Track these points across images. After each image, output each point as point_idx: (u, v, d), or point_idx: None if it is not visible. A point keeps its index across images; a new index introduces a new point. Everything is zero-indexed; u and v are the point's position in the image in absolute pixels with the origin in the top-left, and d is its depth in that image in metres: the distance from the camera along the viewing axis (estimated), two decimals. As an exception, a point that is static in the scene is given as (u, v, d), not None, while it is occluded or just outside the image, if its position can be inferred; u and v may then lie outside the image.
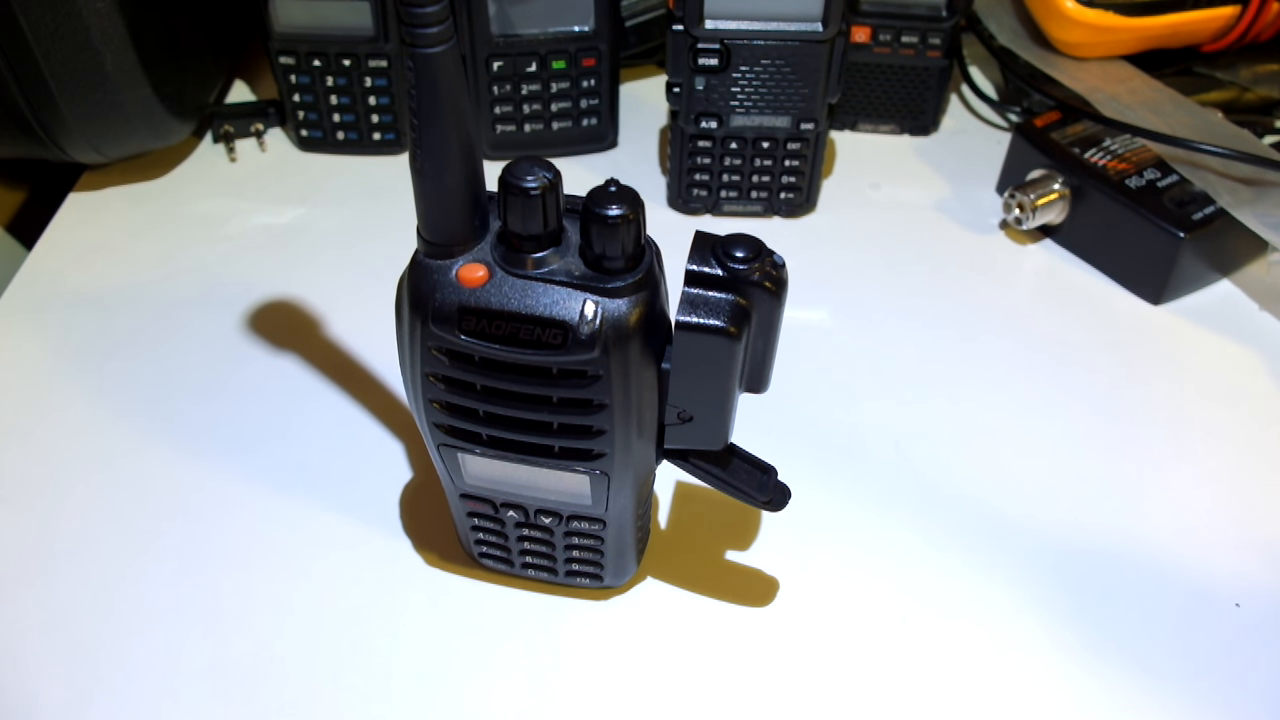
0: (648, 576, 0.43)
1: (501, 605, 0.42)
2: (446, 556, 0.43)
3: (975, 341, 0.53)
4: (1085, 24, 0.62)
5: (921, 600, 0.42)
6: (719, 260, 0.31)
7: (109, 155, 0.59)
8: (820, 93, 0.56)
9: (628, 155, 0.65)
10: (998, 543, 0.44)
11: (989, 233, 0.60)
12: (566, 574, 0.41)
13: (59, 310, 0.54)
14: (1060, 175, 0.57)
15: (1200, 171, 0.55)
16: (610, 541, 0.38)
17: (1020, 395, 0.50)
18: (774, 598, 0.42)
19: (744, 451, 0.37)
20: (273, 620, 0.41)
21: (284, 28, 0.60)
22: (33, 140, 0.56)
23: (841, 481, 0.46)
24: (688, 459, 0.36)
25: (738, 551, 0.43)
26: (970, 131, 0.68)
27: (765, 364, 0.33)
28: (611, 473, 0.34)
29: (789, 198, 0.60)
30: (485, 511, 0.38)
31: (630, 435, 0.33)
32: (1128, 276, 0.57)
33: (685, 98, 0.56)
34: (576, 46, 0.60)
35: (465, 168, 0.30)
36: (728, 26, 0.54)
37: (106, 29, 0.53)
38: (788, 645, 0.40)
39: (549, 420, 0.33)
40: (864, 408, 0.50)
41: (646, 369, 0.32)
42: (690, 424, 0.33)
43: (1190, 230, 0.53)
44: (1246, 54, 0.66)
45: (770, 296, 0.31)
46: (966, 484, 0.46)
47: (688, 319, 0.30)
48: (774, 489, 0.37)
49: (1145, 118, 0.58)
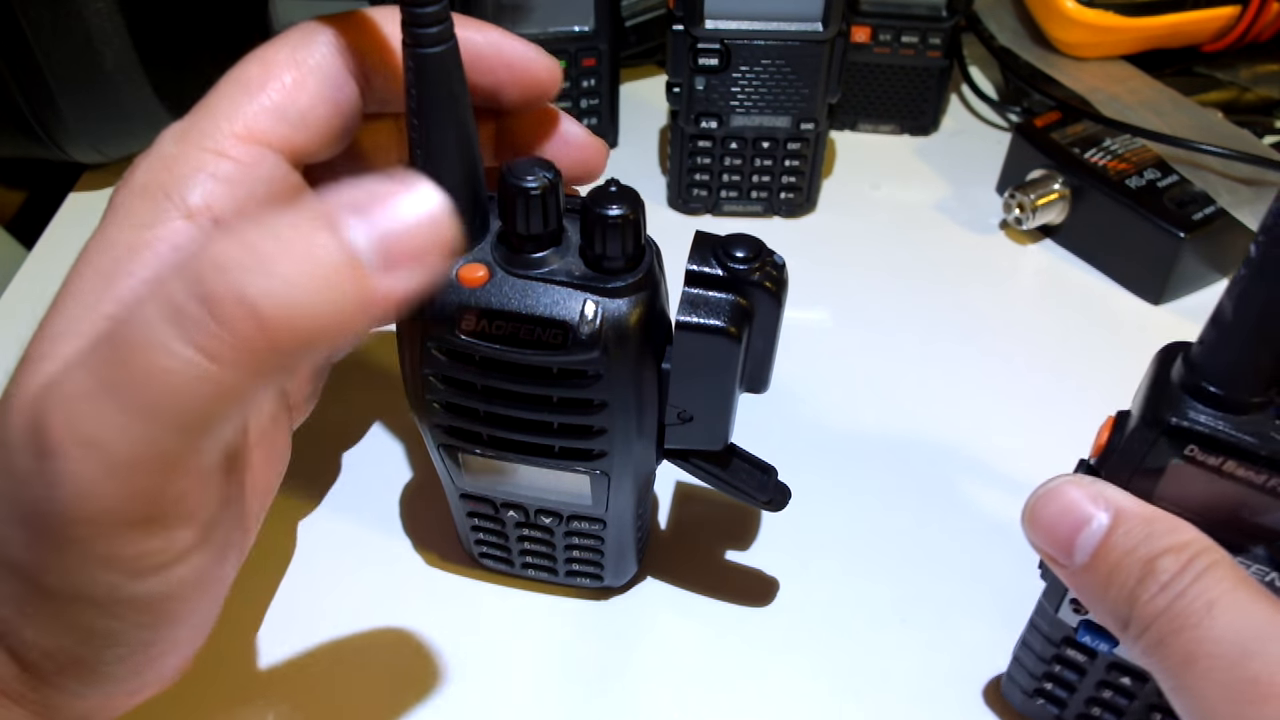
0: (648, 576, 0.43)
1: (501, 605, 0.42)
2: (446, 557, 0.43)
3: (975, 342, 0.53)
4: (1085, 24, 0.62)
5: (921, 601, 0.42)
6: (719, 260, 0.31)
7: (109, 155, 0.59)
8: (820, 93, 0.56)
9: (628, 155, 0.65)
10: (999, 542, 0.44)
11: (989, 233, 0.60)
12: (566, 574, 0.41)
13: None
14: (1060, 175, 0.57)
15: (1200, 171, 0.55)
16: (610, 541, 0.38)
17: (1021, 395, 0.50)
18: (774, 598, 0.42)
19: (744, 451, 0.37)
20: (272, 620, 0.41)
21: (284, 27, 0.59)
22: (33, 140, 0.56)
23: (841, 481, 0.46)
24: (688, 459, 0.36)
25: (738, 551, 0.43)
26: (970, 131, 0.68)
27: (765, 364, 0.33)
28: (612, 472, 0.34)
29: (789, 198, 0.60)
30: (485, 511, 0.38)
31: (630, 435, 0.33)
32: (1128, 276, 0.57)
33: (685, 98, 0.56)
34: (576, 46, 0.60)
35: (465, 168, 0.30)
36: (728, 26, 0.54)
37: (106, 29, 0.53)
38: (788, 645, 0.40)
39: (549, 420, 0.33)
40: (864, 407, 0.50)
41: (647, 369, 0.32)
42: (690, 424, 0.33)
43: (1190, 230, 0.53)
44: (1246, 54, 0.66)
45: (771, 297, 0.31)
46: (966, 484, 0.46)
47: (688, 319, 0.31)
48: (774, 489, 0.37)
49: (1145, 118, 0.58)
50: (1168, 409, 0.27)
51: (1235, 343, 0.26)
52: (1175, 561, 0.26)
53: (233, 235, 0.20)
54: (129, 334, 0.20)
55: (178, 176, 0.25)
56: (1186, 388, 0.27)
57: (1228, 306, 0.26)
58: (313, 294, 0.20)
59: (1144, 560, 0.26)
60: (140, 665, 0.26)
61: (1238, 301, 0.25)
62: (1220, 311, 0.26)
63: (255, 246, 0.20)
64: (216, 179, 0.25)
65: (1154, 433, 0.27)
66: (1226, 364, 0.26)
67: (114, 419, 0.20)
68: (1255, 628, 0.24)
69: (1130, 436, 0.28)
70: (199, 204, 0.25)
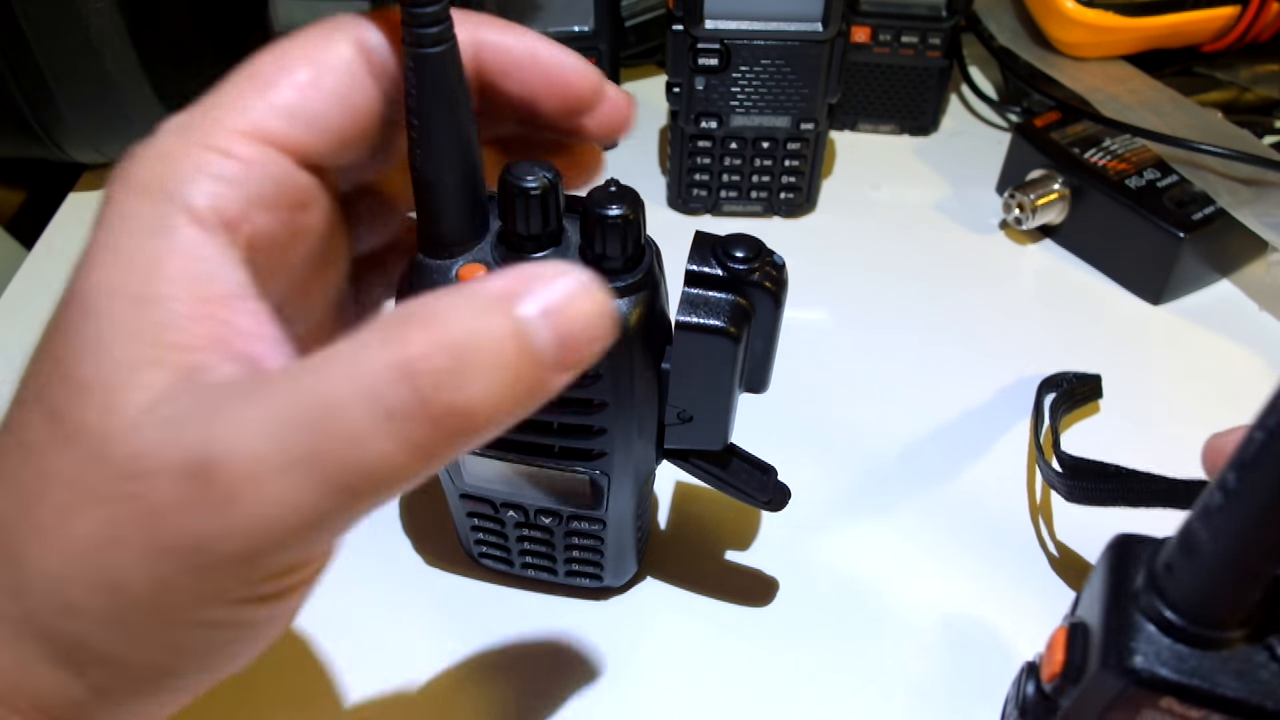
0: (648, 577, 0.43)
1: (501, 605, 0.42)
2: (446, 557, 0.43)
3: (975, 342, 0.53)
4: (1085, 24, 0.62)
5: (921, 601, 0.42)
6: (719, 260, 0.31)
7: (109, 155, 0.59)
8: (820, 93, 0.56)
9: (628, 155, 0.65)
10: (1001, 542, 0.44)
11: (989, 233, 0.60)
12: (566, 574, 0.41)
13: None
14: (1060, 175, 0.57)
15: (1200, 171, 0.55)
16: (610, 541, 0.38)
17: (1021, 396, 0.50)
18: (774, 598, 0.42)
19: (744, 452, 0.37)
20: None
21: (284, 27, 0.60)
22: (33, 140, 0.56)
23: (840, 481, 0.46)
24: (688, 459, 0.36)
25: (737, 551, 0.43)
26: (970, 131, 0.68)
27: (765, 364, 0.33)
28: (612, 472, 0.34)
29: (789, 198, 0.60)
30: (485, 512, 0.38)
31: (630, 435, 0.33)
32: (1128, 276, 0.57)
33: (685, 98, 0.56)
34: (576, 46, 0.59)
35: (465, 168, 0.29)
36: (728, 26, 0.54)
37: (106, 29, 0.53)
38: (788, 645, 0.40)
39: (549, 420, 0.33)
40: (864, 407, 0.50)
41: (646, 369, 0.32)
42: (690, 424, 0.33)
43: (1190, 230, 0.53)
44: (1246, 54, 0.66)
45: (770, 297, 0.31)
46: (967, 484, 0.46)
47: (688, 319, 0.31)
48: (774, 489, 0.37)
49: (1145, 118, 0.58)
50: (1135, 651, 0.24)
51: (1214, 576, 0.23)
52: None
53: (432, 333, 0.22)
54: (333, 425, 0.21)
55: (178, 175, 0.24)
56: (1154, 619, 0.24)
57: (1203, 535, 0.22)
58: (510, 401, 0.22)
59: None
60: (203, 683, 0.27)
61: (1212, 530, 0.22)
62: (1193, 538, 0.23)
63: (461, 354, 0.22)
64: (219, 179, 0.24)
65: (1121, 681, 0.24)
66: (1203, 599, 0.23)
67: (301, 486, 0.22)
68: None
69: (1092, 681, 0.25)
70: (204, 206, 0.24)
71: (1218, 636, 0.23)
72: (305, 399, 0.22)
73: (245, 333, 0.24)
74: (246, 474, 0.22)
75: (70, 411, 0.23)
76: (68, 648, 0.24)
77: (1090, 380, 0.50)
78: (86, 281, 0.24)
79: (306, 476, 0.22)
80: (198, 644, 0.25)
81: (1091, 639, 0.25)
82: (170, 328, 0.23)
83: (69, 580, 0.23)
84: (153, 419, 0.22)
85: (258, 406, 0.22)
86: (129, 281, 0.23)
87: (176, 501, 0.22)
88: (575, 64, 0.30)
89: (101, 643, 0.24)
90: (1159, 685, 0.23)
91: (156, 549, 0.22)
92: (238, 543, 0.22)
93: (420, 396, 0.21)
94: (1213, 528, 0.22)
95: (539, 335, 0.22)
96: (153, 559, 0.23)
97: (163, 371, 0.23)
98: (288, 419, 0.22)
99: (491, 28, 0.29)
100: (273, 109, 0.25)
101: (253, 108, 0.25)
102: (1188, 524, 0.23)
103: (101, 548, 0.23)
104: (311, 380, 0.22)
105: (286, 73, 0.26)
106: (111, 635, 0.24)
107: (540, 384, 0.23)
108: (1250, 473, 0.21)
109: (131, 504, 0.22)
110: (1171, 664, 0.23)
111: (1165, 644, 0.23)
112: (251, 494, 0.22)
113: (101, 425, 0.23)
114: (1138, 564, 0.25)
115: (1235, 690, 0.23)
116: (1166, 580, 0.24)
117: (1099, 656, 0.24)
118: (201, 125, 0.25)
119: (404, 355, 0.21)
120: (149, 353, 0.23)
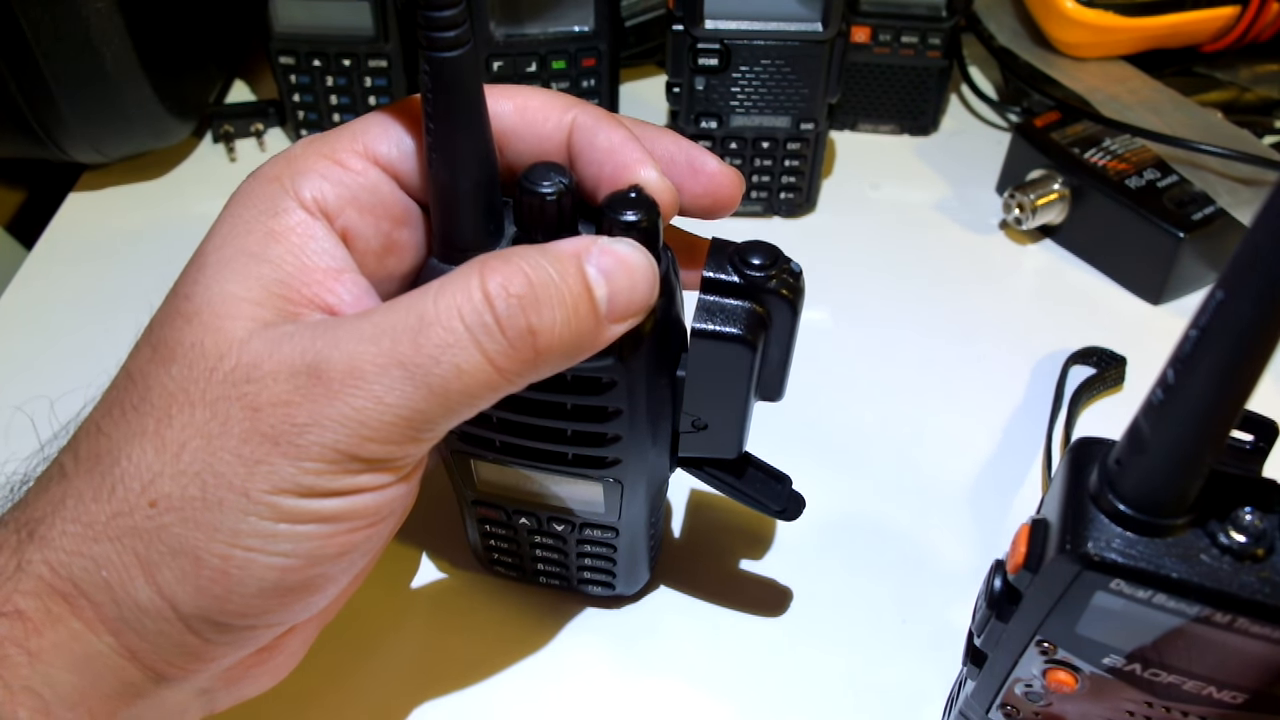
0: (660, 585, 0.42)
1: (512, 612, 0.41)
2: (456, 563, 0.43)
3: (975, 342, 0.54)
4: (1085, 24, 0.62)
5: (925, 600, 0.42)
6: (736, 267, 0.31)
7: (109, 155, 0.59)
8: (820, 93, 0.56)
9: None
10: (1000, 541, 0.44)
11: (989, 233, 0.61)
12: (579, 582, 0.41)
13: (59, 310, 0.54)
14: (1060, 175, 0.58)
15: (1200, 171, 0.56)
16: (623, 549, 0.38)
17: (1021, 396, 0.51)
18: (787, 607, 0.42)
19: (759, 460, 0.36)
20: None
21: (284, 28, 0.60)
22: (33, 140, 0.56)
23: (841, 480, 0.46)
24: (702, 467, 0.36)
25: (751, 560, 0.43)
26: (970, 131, 0.68)
27: (781, 372, 0.33)
28: (625, 480, 0.34)
29: (789, 198, 0.60)
30: (497, 518, 0.38)
31: (644, 443, 0.33)
32: (1128, 276, 0.57)
33: (685, 98, 0.56)
34: (576, 46, 0.60)
35: (481, 172, 0.29)
36: (728, 26, 0.54)
37: (106, 29, 0.53)
38: (802, 655, 0.41)
39: (563, 427, 0.33)
40: (863, 407, 0.50)
41: (661, 376, 0.32)
42: (705, 432, 0.33)
43: (1190, 230, 0.53)
44: (1246, 54, 0.66)
45: (787, 304, 0.31)
46: (967, 483, 0.47)
47: (704, 326, 0.30)
48: (788, 498, 0.36)
49: (1145, 118, 0.59)
50: (1088, 538, 0.25)
51: (1156, 466, 0.25)
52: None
53: (514, 268, 0.27)
54: (427, 334, 0.26)
55: (295, 172, 0.29)
56: (1106, 510, 0.26)
57: (1147, 430, 0.24)
58: (571, 334, 0.27)
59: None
60: (288, 602, 0.29)
61: (1155, 424, 0.24)
62: (1139, 433, 0.25)
63: (536, 287, 0.27)
64: (325, 178, 0.29)
65: (1075, 566, 0.26)
66: (1149, 489, 0.25)
67: (395, 385, 0.26)
68: None
69: (1050, 567, 0.26)
70: (309, 197, 0.29)
71: (1163, 524, 0.25)
72: (403, 315, 0.26)
73: (342, 298, 0.28)
74: (350, 370, 0.26)
75: (173, 337, 0.27)
76: (146, 541, 0.27)
77: (1118, 361, 0.51)
78: (208, 244, 0.29)
79: (402, 378, 0.26)
80: (268, 541, 0.27)
81: (1051, 532, 0.27)
82: (279, 282, 0.28)
83: (160, 474, 0.27)
84: (261, 337, 0.27)
85: (362, 322, 0.27)
86: (248, 243, 0.28)
87: (283, 396, 0.26)
88: (723, 170, 0.33)
89: (175, 534, 0.27)
90: (1109, 569, 0.25)
91: (256, 435, 0.26)
92: (332, 431, 0.26)
93: (501, 316, 0.26)
94: (1155, 421, 0.24)
95: (600, 288, 0.28)
96: (251, 444, 0.26)
97: (267, 310, 0.27)
98: (387, 329, 0.26)
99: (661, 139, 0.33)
100: (385, 137, 0.30)
101: (369, 133, 0.30)
102: (1135, 421, 0.25)
103: (199, 439, 0.26)
104: (408, 301, 0.27)
105: (404, 114, 0.31)
106: (186, 528, 0.27)
107: (594, 331, 0.28)
108: (1187, 368, 0.23)
109: (239, 401, 0.26)
110: (1120, 549, 0.25)
111: (1116, 532, 0.26)
112: (353, 388, 0.26)
113: (208, 344, 0.27)
114: (1094, 462, 0.27)
115: (1179, 572, 0.25)
116: (1117, 474, 0.26)
117: (1056, 545, 0.26)
118: (326, 139, 0.30)
119: (491, 282, 0.26)
120: (258, 294, 0.28)
